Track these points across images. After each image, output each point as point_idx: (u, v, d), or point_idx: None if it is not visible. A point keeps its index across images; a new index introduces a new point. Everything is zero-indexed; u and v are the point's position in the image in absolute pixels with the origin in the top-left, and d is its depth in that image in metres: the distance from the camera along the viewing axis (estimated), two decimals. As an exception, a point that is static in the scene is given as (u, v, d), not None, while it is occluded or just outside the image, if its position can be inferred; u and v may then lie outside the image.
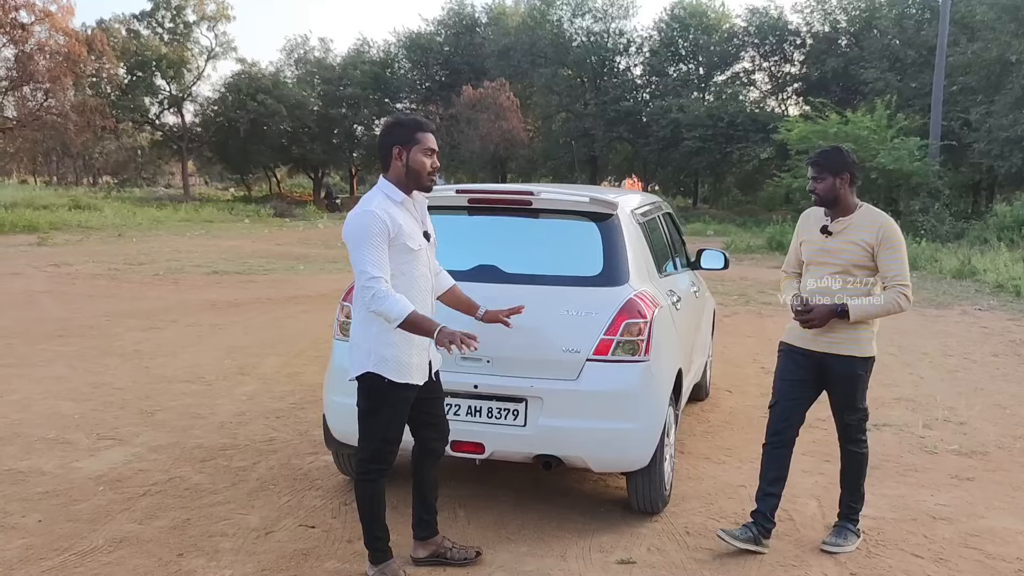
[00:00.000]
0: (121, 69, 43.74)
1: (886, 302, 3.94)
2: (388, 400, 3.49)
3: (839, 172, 4.00)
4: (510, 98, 36.49)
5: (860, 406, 4.19)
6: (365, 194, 3.53)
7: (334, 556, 3.90)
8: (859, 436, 4.25)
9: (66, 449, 5.30)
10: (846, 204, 4.04)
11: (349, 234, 3.39)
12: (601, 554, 3.97)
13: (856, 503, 4.28)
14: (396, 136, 3.48)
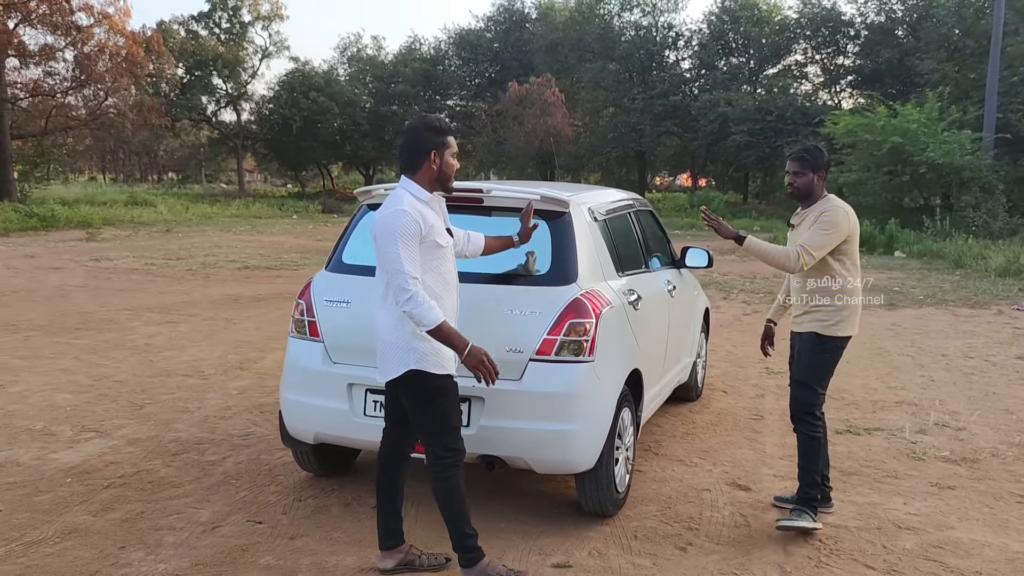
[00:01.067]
0: (180, 69, 44.86)
1: (779, 251, 4.29)
2: (441, 392, 3.51)
3: (818, 170, 4.35)
4: (555, 93, 36.34)
5: (808, 382, 4.37)
6: (390, 195, 3.54)
7: (272, 552, 3.92)
8: (803, 415, 4.37)
9: (48, 440, 5.44)
10: (814, 198, 4.37)
11: (383, 233, 3.38)
12: (540, 556, 3.92)
13: (809, 489, 4.33)
14: (430, 140, 3.50)
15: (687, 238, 24.72)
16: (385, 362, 3.55)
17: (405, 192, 3.50)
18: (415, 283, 3.32)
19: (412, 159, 3.53)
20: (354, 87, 47.93)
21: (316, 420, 4.39)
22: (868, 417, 6.36)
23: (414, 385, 3.50)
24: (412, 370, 3.46)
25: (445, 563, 3.83)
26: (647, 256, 5.38)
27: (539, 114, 35.73)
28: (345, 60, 51.12)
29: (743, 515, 4.49)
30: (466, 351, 3.40)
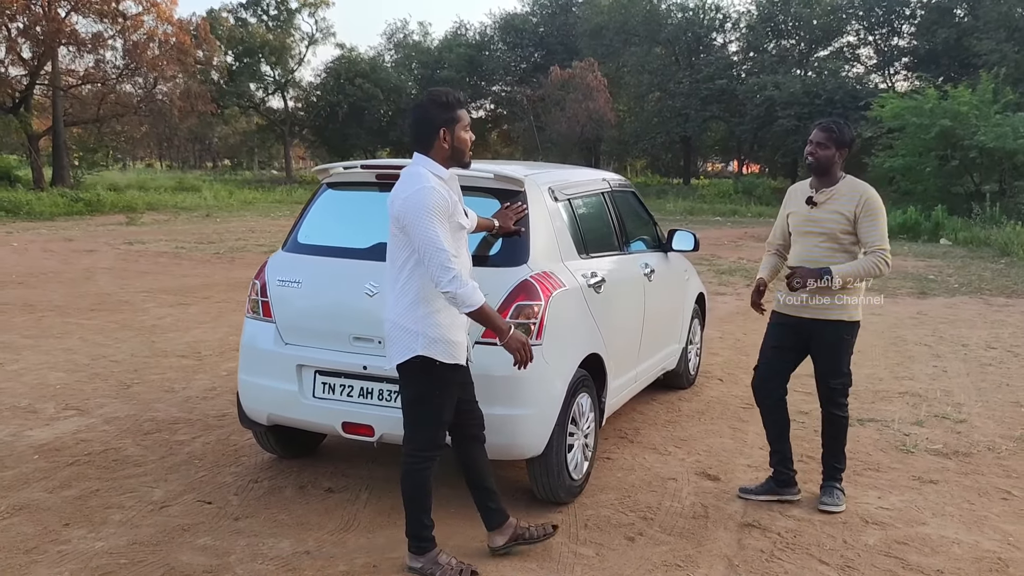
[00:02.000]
0: (228, 56, 45.57)
1: (868, 265, 4.13)
2: (440, 383, 3.39)
3: (842, 146, 4.21)
4: (597, 78, 35.93)
5: (844, 371, 4.36)
6: (407, 172, 3.39)
7: (212, 533, 3.89)
8: (842, 400, 4.38)
9: (29, 418, 5.52)
10: (833, 175, 4.24)
11: (412, 211, 3.21)
12: (481, 544, 3.82)
13: (840, 464, 4.41)
14: (440, 116, 3.37)
15: (727, 226, 24.33)
16: (392, 346, 3.41)
17: (426, 170, 3.34)
18: (456, 262, 3.19)
19: (423, 137, 3.40)
20: (400, 73, 48.12)
21: (268, 401, 4.35)
22: (865, 408, 6.12)
23: (417, 372, 3.37)
24: (419, 356, 3.34)
25: (553, 531, 3.79)
26: (623, 238, 5.22)
27: (581, 99, 35.38)
28: (392, 46, 51.37)
29: (704, 505, 4.33)
30: (509, 333, 3.33)
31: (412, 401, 3.47)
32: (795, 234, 4.38)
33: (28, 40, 30.91)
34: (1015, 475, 4.82)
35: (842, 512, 4.27)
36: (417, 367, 3.38)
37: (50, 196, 24.54)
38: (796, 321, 4.33)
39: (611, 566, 3.66)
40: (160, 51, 34.45)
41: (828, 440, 4.44)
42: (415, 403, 3.47)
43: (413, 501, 3.52)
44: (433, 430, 3.48)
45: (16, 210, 22.01)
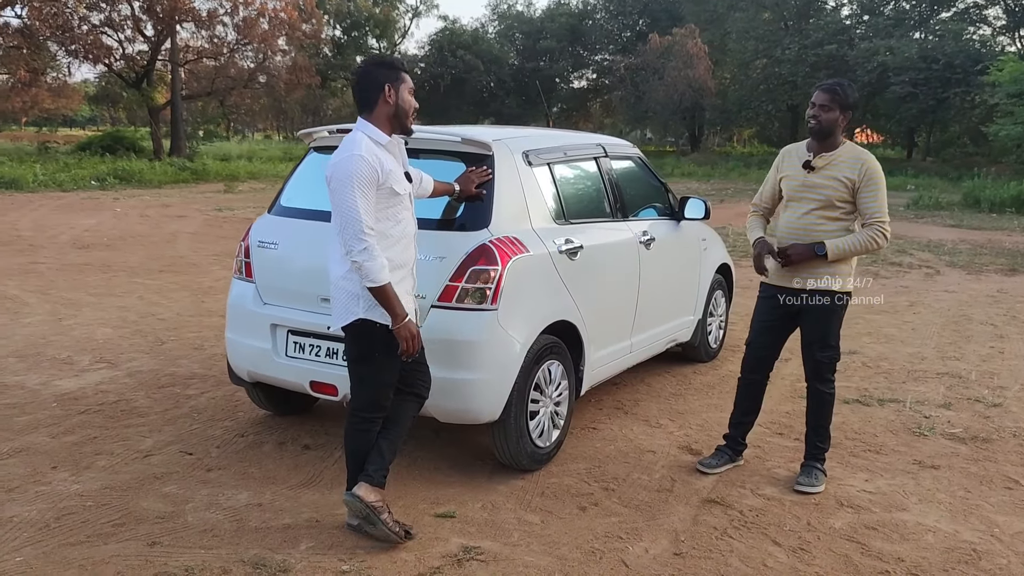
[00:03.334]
0: (336, 30, 46.68)
1: (864, 239, 3.96)
2: (382, 345, 3.41)
3: (847, 108, 4.00)
4: (698, 45, 34.90)
5: (832, 343, 4.15)
6: (347, 138, 3.39)
7: (180, 482, 4.06)
8: (828, 375, 4.18)
9: (63, 369, 5.87)
10: (835, 139, 4.03)
11: (337, 179, 3.25)
12: (429, 504, 3.86)
13: (823, 443, 4.23)
14: (384, 75, 3.36)
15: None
16: (336, 308, 3.48)
17: (363, 135, 3.34)
18: (370, 234, 3.23)
19: (366, 97, 3.37)
20: (502, 44, 48.13)
21: (248, 359, 4.49)
22: (893, 387, 5.80)
23: (359, 334, 3.43)
24: (360, 319, 3.40)
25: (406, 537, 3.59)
26: (617, 205, 5.08)
27: (681, 67, 34.47)
28: (495, 17, 51.37)
29: (673, 479, 4.22)
30: (403, 322, 3.33)
31: (354, 362, 3.52)
32: (787, 199, 4.17)
33: (151, 18, 32.42)
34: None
35: (818, 494, 4.07)
36: (359, 329, 3.41)
37: (161, 165, 25.84)
38: (786, 292, 4.15)
39: (550, 534, 3.62)
40: (269, 26, 35.57)
41: (811, 417, 4.25)
42: (357, 364, 3.51)
43: (354, 460, 3.56)
44: (375, 391, 3.51)
45: (129, 178, 23.25)
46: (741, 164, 35.31)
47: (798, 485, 4.12)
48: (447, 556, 3.40)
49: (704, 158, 37.57)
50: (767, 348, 4.32)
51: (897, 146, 42.21)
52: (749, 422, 4.43)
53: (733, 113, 40.79)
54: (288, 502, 3.87)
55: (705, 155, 39.86)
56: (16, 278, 9.22)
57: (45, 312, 7.58)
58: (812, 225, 4.03)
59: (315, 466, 4.30)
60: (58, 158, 27.53)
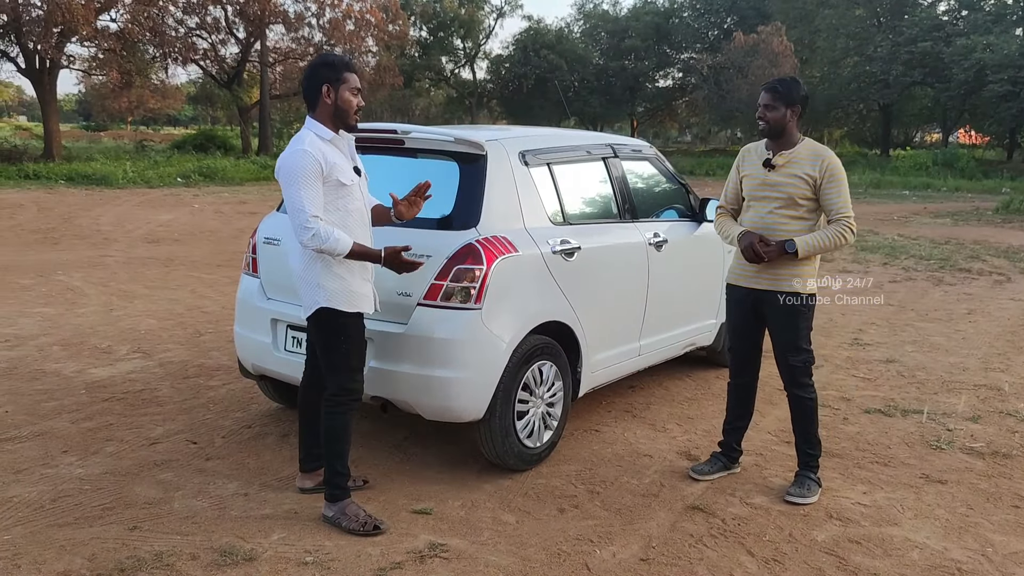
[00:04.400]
0: (423, 31, 47.38)
1: (832, 235, 3.90)
2: (345, 331, 3.57)
3: (792, 103, 3.94)
4: (783, 43, 34.03)
5: (804, 346, 4.05)
6: (296, 136, 3.64)
7: (177, 469, 4.20)
8: (805, 380, 4.08)
9: (100, 358, 6.15)
10: (790, 137, 3.99)
11: (283, 174, 3.45)
12: (408, 500, 3.90)
13: (813, 449, 4.12)
14: (324, 75, 3.50)
15: (911, 200, 22.56)
16: (302, 300, 3.64)
17: (308, 132, 3.53)
18: (315, 220, 3.36)
19: (309, 96, 3.55)
20: (587, 44, 47.99)
21: (252, 352, 4.62)
22: (922, 398, 5.57)
23: (323, 322, 3.57)
24: (322, 308, 3.54)
25: (363, 485, 3.97)
26: (626, 206, 5.02)
27: (766, 65, 33.67)
28: (580, 17, 51.18)
29: (662, 484, 4.16)
30: (382, 255, 3.51)
31: (323, 350, 3.65)
32: (749, 198, 4.12)
33: (243, 20, 33.54)
34: (1048, 482, 4.25)
35: (809, 505, 3.95)
36: (323, 318, 3.56)
37: (244, 163, 26.70)
38: (751, 293, 4.09)
39: (521, 534, 3.61)
40: (355, 27, 36.38)
41: (796, 425, 4.15)
42: (325, 351, 3.64)
43: (329, 446, 3.67)
44: (344, 375, 3.62)
45: (212, 175, 24.12)
46: (827, 165, 34.24)
47: (788, 496, 4.02)
48: (412, 552, 3.43)
49: (789, 158, 36.51)
50: (748, 350, 4.25)
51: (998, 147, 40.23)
52: (742, 427, 4.35)
53: (822, 113, 39.60)
54: (273, 493, 3.97)
55: (791, 155, 38.79)
56: (83, 270, 9.70)
57: (100, 303, 7.96)
58: (776, 224, 3.97)
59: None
60: (151, 156, 28.73)
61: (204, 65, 35.09)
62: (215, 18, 33.24)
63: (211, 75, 36.03)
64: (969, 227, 16.13)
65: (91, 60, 28.39)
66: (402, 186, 4.34)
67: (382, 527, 3.60)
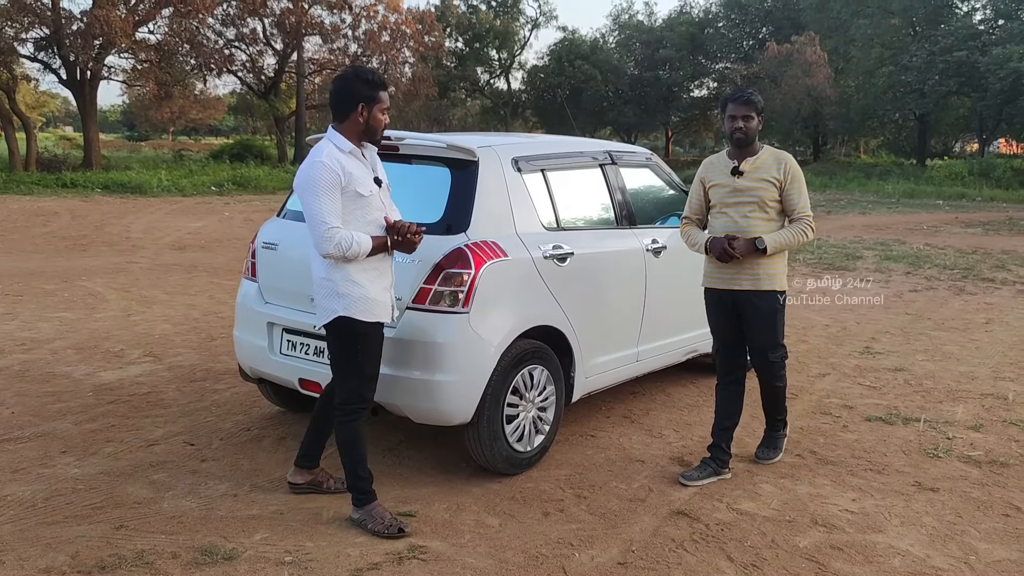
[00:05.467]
0: (458, 42, 47.77)
1: (796, 233, 4.19)
2: (362, 340, 3.59)
3: (762, 112, 4.26)
4: (817, 52, 33.70)
5: (780, 341, 4.35)
6: (315, 146, 3.61)
7: (172, 470, 4.28)
8: (781, 372, 4.40)
9: (112, 361, 6.29)
10: (755, 145, 4.28)
11: (302, 185, 3.47)
12: (394, 503, 3.92)
13: (780, 414, 4.54)
14: (360, 93, 3.53)
15: (944, 210, 22.24)
16: (319, 308, 3.65)
17: (328, 143, 3.55)
18: (334, 231, 3.42)
19: (340, 109, 3.56)
20: (621, 54, 48.01)
21: (249, 355, 4.71)
22: (926, 407, 5.49)
23: (340, 330, 3.61)
24: (339, 316, 3.58)
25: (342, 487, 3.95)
26: (624, 212, 5.03)
27: (800, 75, 33.37)
28: (616, 27, 51.17)
29: (650, 489, 4.15)
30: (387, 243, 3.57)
31: (337, 357, 3.67)
32: (720, 206, 4.29)
33: (280, 32, 34.05)
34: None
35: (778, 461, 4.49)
36: (340, 326, 3.58)
37: (277, 172, 27.09)
38: (729, 294, 4.29)
39: (503, 537, 3.63)
40: (391, 38, 36.78)
41: (768, 405, 4.54)
42: (339, 359, 3.67)
43: (345, 453, 3.72)
44: (357, 383, 3.66)
45: (246, 184, 24.51)
46: (862, 175, 33.92)
47: (758, 456, 4.51)
48: (391, 553, 3.46)
49: (824, 168, 36.22)
50: (732, 350, 4.42)
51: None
52: (731, 427, 4.42)
53: (857, 122, 39.15)
54: (263, 494, 4.03)
55: (826, 165, 38.45)
56: (107, 276, 9.91)
57: (118, 308, 8.13)
58: (751, 227, 4.19)
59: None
60: (187, 165, 29.25)
61: (242, 76, 35.70)
62: (252, 29, 33.79)
63: (248, 86, 36.59)
64: (1000, 237, 15.84)
65: (130, 71, 28.99)
66: (398, 191, 4.43)
67: (406, 529, 3.65)
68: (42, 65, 27.77)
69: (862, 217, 20.02)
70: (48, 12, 24.17)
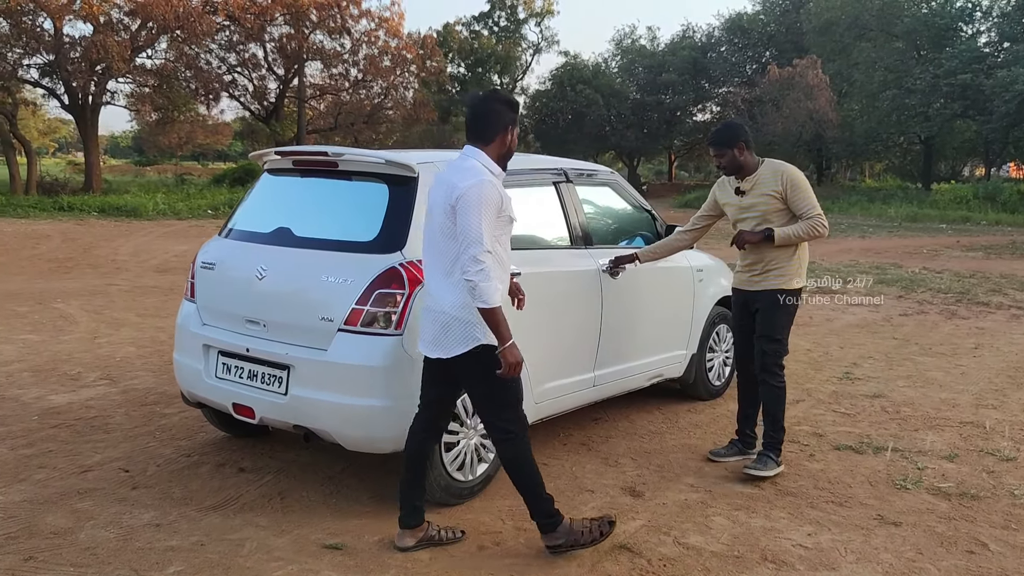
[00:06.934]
0: (460, 67, 47.96)
1: (807, 227, 4.40)
2: None
3: (734, 144, 4.49)
4: (819, 76, 33.60)
5: (778, 336, 4.53)
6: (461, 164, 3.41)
7: (99, 499, 4.09)
8: (774, 368, 4.52)
9: (65, 384, 6.12)
10: (749, 166, 4.52)
11: (470, 202, 3.24)
12: (323, 535, 3.74)
13: (776, 433, 4.55)
14: (507, 115, 3.45)
15: (946, 234, 22.04)
16: (448, 337, 3.40)
17: (483, 165, 3.39)
18: (489, 256, 3.26)
19: (488, 131, 3.44)
20: (623, 79, 48.09)
21: (187, 379, 4.54)
22: (900, 435, 5.28)
23: (482, 360, 3.38)
24: (482, 344, 3.36)
25: (462, 536, 3.74)
26: (580, 232, 4.85)
27: (802, 98, 33.25)
28: (618, 52, 51.28)
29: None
30: (508, 344, 3.31)
31: (484, 386, 3.47)
32: (734, 222, 4.65)
33: (281, 57, 34.21)
34: (1013, 527, 3.94)
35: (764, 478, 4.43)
36: (482, 355, 3.38)
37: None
38: (747, 295, 4.63)
39: (431, 572, 3.44)
40: (391, 63, 36.89)
41: (764, 411, 4.59)
42: (488, 388, 3.46)
43: (522, 480, 3.55)
44: (514, 408, 3.52)
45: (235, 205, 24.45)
46: (865, 198, 33.71)
47: (746, 468, 4.48)
48: (308, 588, 3.27)
49: (827, 192, 36.00)
50: (744, 346, 4.73)
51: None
52: (752, 414, 4.76)
53: (860, 146, 38.96)
54: (187, 524, 3.84)
55: (830, 188, 38.25)
56: (83, 298, 9.79)
57: (86, 330, 7.99)
58: None
59: (238, 489, 4.27)
60: (186, 189, 29.27)
61: (244, 101, 35.84)
62: (253, 55, 33.93)
63: (250, 110, 36.71)
64: (1001, 260, 15.60)
65: (131, 96, 29.12)
66: (336, 209, 4.29)
67: (612, 518, 3.71)
68: (45, 90, 27.97)
69: (861, 241, 19.81)
70: (49, 38, 24.31)
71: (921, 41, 37.30)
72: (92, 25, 24.40)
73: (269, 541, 3.66)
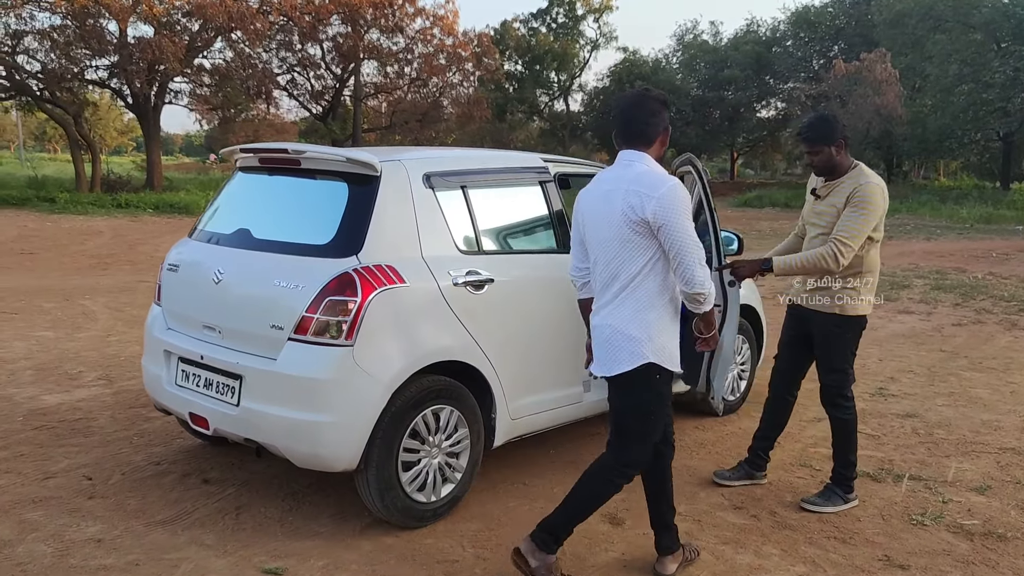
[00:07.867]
0: (517, 64, 47.64)
1: (813, 257, 3.90)
2: (660, 394, 3.21)
3: (832, 142, 3.94)
4: (887, 70, 32.27)
5: (838, 367, 4.11)
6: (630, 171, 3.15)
7: (52, 508, 3.93)
8: (839, 400, 4.13)
9: (61, 383, 6.03)
10: (842, 168, 4.00)
11: (672, 207, 2.99)
12: (266, 557, 3.50)
13: (846, 470, 4.17)
14: (665, 119, 3.26)
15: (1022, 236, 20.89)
16: (615, 354, 3.15)
17: (654, 169, 3.14)
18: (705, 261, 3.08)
19: (649, 133, 3.20)
20: (684, 74, 47.17)
21: (150, 385, 4.36)
22: (928, 461, 4.80)
23: (643, 380, 3.14)
24: (649, 363, 3.11)
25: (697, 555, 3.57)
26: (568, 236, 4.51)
27: (869, 93, 31.97)
28: (680, 48, 50.29)
29: (564, 551, 3.59)
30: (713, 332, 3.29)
31: (633, 411, 3.22)
32: (805, 223, 4.25)
33: (338, 56, 34.44)
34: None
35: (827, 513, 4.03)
36: (643, 375, 3.12)
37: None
38: (801, 311, 4.20)
39: (367, 606, 3.16)
40: (446, 61, 36.85)
41: (833, 444, 4.23)
42: (636, 414, 3.22)
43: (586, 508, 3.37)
44: (646, 446, 3.26)
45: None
46: (936, 198, 32.24)
47: (803, 502, 4.15)
48: (232, 619, 3.02)
49: (896, 191, 34.53)
50: (787, 362, 4.35)
51: None
52: (772, 437, 4.44)
53: (933, 143, 37.35)
54: (130, 539, 3.64)
55: (899, 188, 36.72)
56: (111, 295, 9.81)
57: (101, 328, 7.94)
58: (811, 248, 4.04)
59: (195, 502, 4.06)
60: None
61: (302, 100, 36.22)
62: (310, 54, 34.21)
63: (307, 109, 37.09)
64: (1077, 266, 14.62)
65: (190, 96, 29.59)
66: (295, 209, 4.07)
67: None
68: (112, 91, 28.60)
69: (925, 243, 18.87)
70: (114, 40, 24.80)
71: (1001, 33, 35.50)
72: (152, 27, 24.81)
73: (207, 563, 3.43)
